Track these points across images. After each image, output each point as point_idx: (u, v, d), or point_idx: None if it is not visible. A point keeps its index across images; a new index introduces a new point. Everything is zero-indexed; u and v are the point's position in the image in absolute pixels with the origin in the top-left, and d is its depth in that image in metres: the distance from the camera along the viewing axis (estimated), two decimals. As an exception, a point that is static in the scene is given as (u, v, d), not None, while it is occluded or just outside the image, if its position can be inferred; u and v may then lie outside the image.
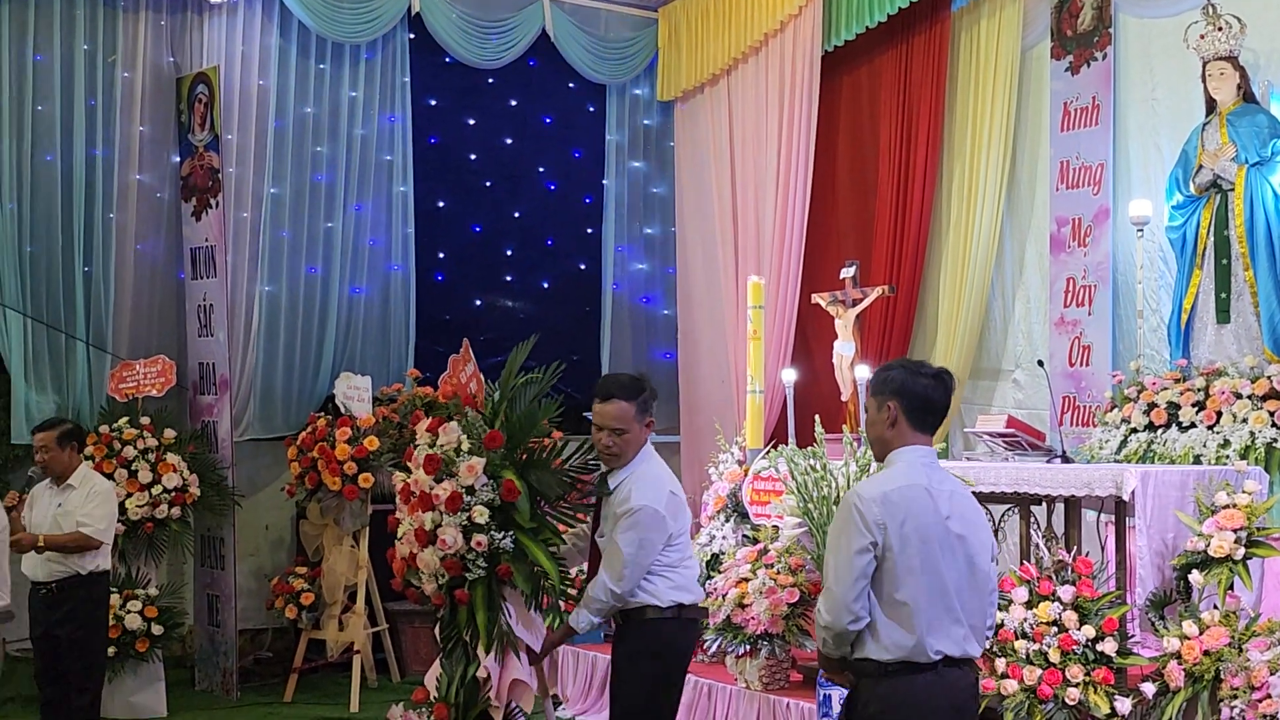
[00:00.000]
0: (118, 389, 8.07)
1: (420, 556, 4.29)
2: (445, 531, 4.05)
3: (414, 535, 4.39)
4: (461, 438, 4.44)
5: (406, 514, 4.43)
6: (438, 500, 4.17)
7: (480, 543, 4.17)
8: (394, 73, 9.42)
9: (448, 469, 4.42)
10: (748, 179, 9.55)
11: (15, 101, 8.02)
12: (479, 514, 4.19)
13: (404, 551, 4.59)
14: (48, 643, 6.19)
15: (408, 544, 4.53)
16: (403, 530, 4.54)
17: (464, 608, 4.42)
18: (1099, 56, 7.77)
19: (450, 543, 4.09)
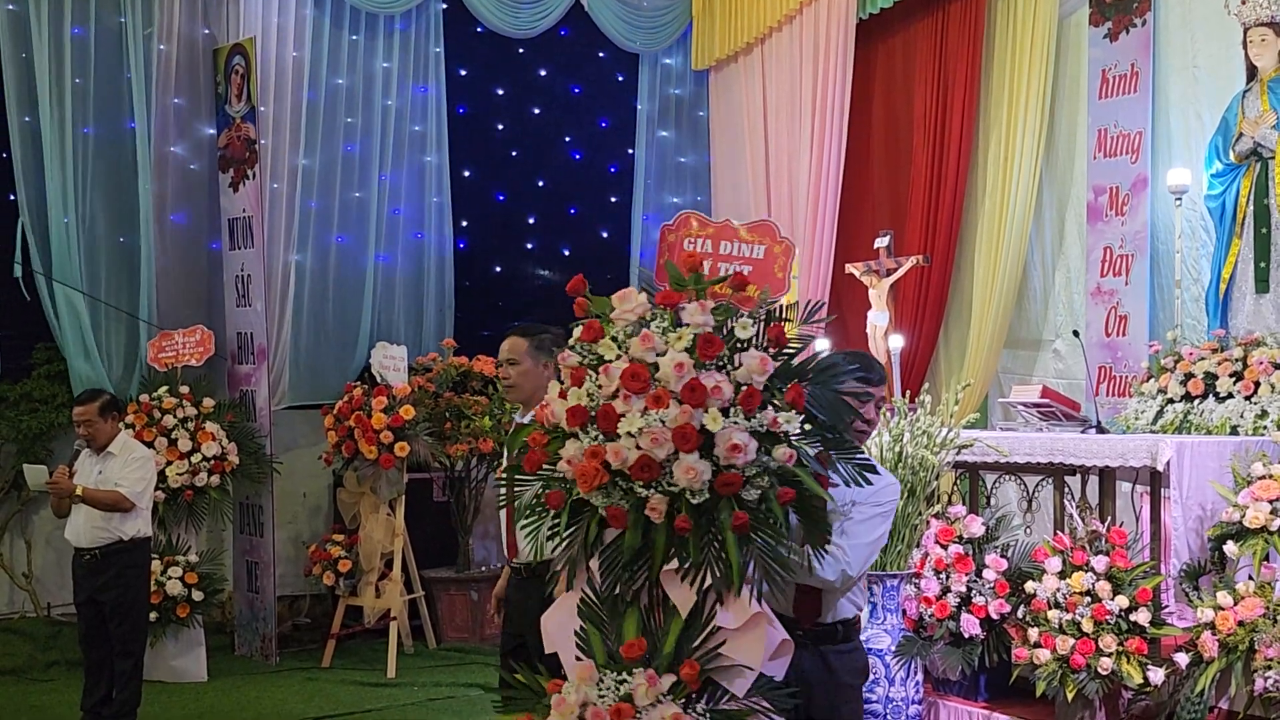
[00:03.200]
0: (157, 358, 8.16)
1: (681, 464, 3.03)
2: (736, 435, 3.01)
3: (670, 435, 3.06)
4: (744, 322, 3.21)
5: (639, 405, 3.10)
6: (717, 395, 3.06)
7: (789, 456, 3.08)
8: (426, 43, 9.45)
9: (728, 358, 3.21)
10: (781, 148, 9.52)
11: (54, 75, 8.08)
12: (786, 419, 3.10)
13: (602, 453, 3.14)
14: (91, 608, 6.29)
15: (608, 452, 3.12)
16: (628, 426, 3.12)
17: (656, 536, 3.16)
18: (1138, 23, 7.68)
19: (745, 449, 3.01)
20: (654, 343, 3.14)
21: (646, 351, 3.13)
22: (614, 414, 3.10)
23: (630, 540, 3.09)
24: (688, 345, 3.13)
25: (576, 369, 3.23)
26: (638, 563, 3.15)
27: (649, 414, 3.06)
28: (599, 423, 3.11)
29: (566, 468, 3.16)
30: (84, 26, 8.23)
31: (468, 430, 8.43)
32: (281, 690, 7.47)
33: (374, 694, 7.40)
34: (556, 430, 3.24)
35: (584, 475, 3.08)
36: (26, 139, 8.06)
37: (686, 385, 3.07)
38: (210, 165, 8.65)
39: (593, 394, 3.17)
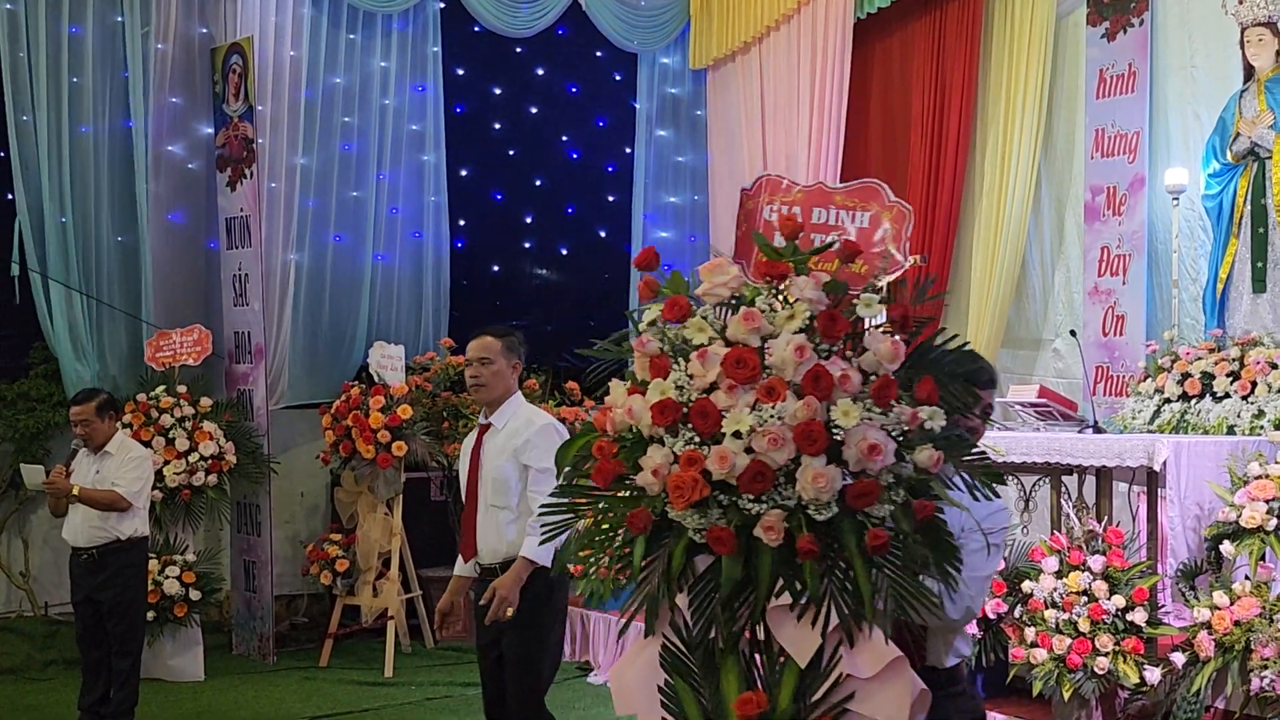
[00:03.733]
0: (154, 358, 8.16)
1: (807, 471, 2.43)
2: (872, 433, 2.45)
3: (792, 435, 2.46)
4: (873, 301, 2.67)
5: (747, 399, 2.50)
6: (846, 385, 2.50)
7: (936, 459, 2.52)
8: (424, 42, 9.46)
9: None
10: (779, 147, 9.52)
11: (51, 73, 8.08)
12: (930, 414, 2.57)
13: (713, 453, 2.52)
14: (89, 607, 6.29)
15: (720, 455, 2.50)
16: (735, 425, 2.51)
17: (759, 564, 2.52)
18: (1135, 23, 7.69)
19: (884, 451, 2.44)
20: (759, 322, 2.58)
21: (750, 333, 2.57)
22: (714, 411, 2.52)
23: (731, 570, 2.49)
24: (803, 325, 2.58)
25: (659, 357, 2.65)
26: (739, 598, 2.54)
27: (761, 409, 2.50)
28: (694, 422, 2.53)
29: (651, 480, 2.56)
30: (81, 25, 8.23)
31: (465, 429, 8.43)
32: (279, 689, 7.47)
33: (371, 693, 7.40)
34: (631, 435, 2.64)
35: (680, 488, 2.49)
36: (24, 138, 8.05)
37: (809, 373, 2.50)
38: (208, 164, 8.65)
39: (683, 387, 2.59)
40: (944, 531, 2.59)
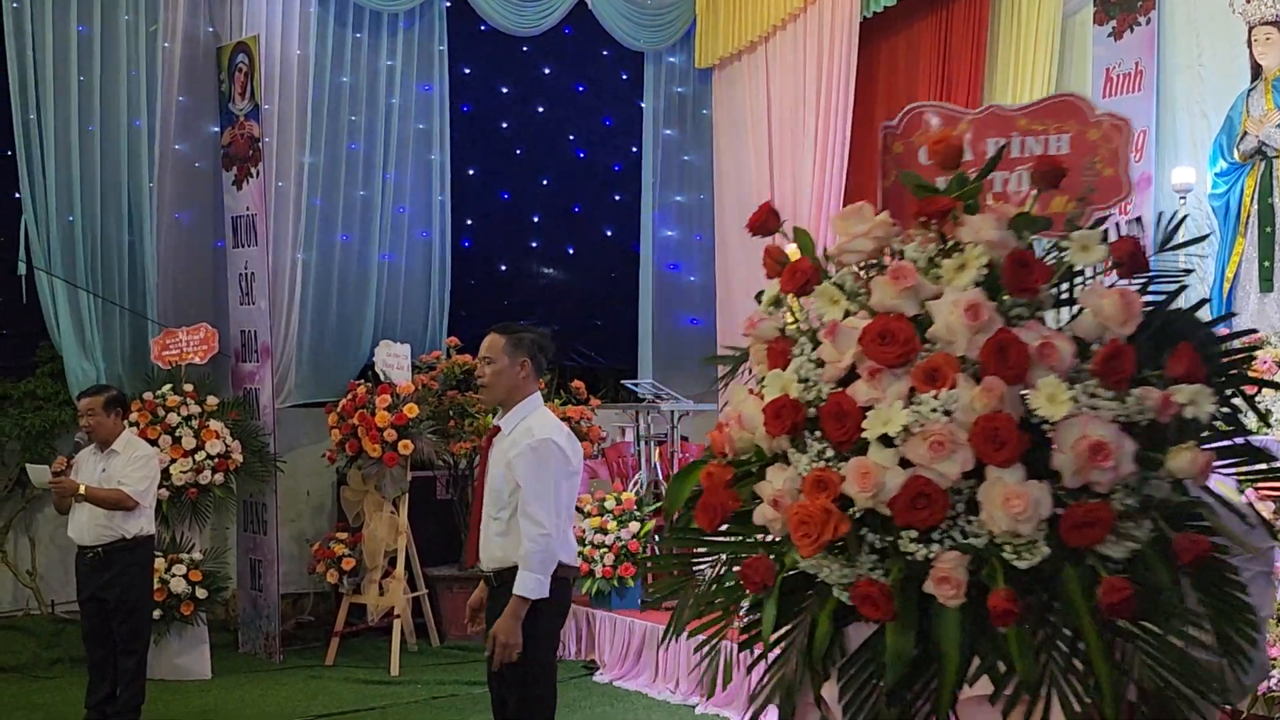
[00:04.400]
0: (161, 356, 8.16)
1: (1002, 488, 1.69)
2: (1097, 426, 1.69)
3: (966, 435, 1.73)
4: None
5: (898, 388, 1.83)
6: (1050, 357, 1.78)
7: (1203, 465, 1.85)
8: (430, 41, 9.47)
9: None
10: (785, 146, 9.51)
11: (58, 72, 8.09)
12: (1193, 397, 1.82)
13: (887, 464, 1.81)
14: (95, 605, 6.29)
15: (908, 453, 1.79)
16: (883, 426, 1.81)
17: (943, 634, 1.76)
18: (1142, 21, 7.68)
19: (1114, 453, 1.67)
20: (914, 280, 1.84)
21: (903, 296, 1.84)
22: (853, 408, 1.79)
23: (898, 645, 1.72)
24: (977, 278, 1.84)
25: (778, 341, 2.01)
26: (914, 686, 1.76)
27: (920, 401, 1.75)
28: (825, 428, 1.81)
29: (771, 515, 1.87)
30: (89, 24, 8.23)
31: (471, 428, 8.44)
32: (285, 688, 7.47)
33: (377, 692, 7.40)
34: (752, 458, 1.98)
35: (805, 524, 1.75)
36: (31, 136, 8.06)
37: (991, 344, 1.73)
38: (215, 163, 8.66)
39: (809, 379, 1.89)
40: (1228, 580, 1.73)
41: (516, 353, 4.38)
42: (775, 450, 1.89)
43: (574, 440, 4.44)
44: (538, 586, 4.17)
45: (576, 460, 4.41)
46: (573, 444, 4.40)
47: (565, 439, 4.36)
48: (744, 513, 1.92)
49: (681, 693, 7.18)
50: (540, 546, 4.18)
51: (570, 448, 4.37)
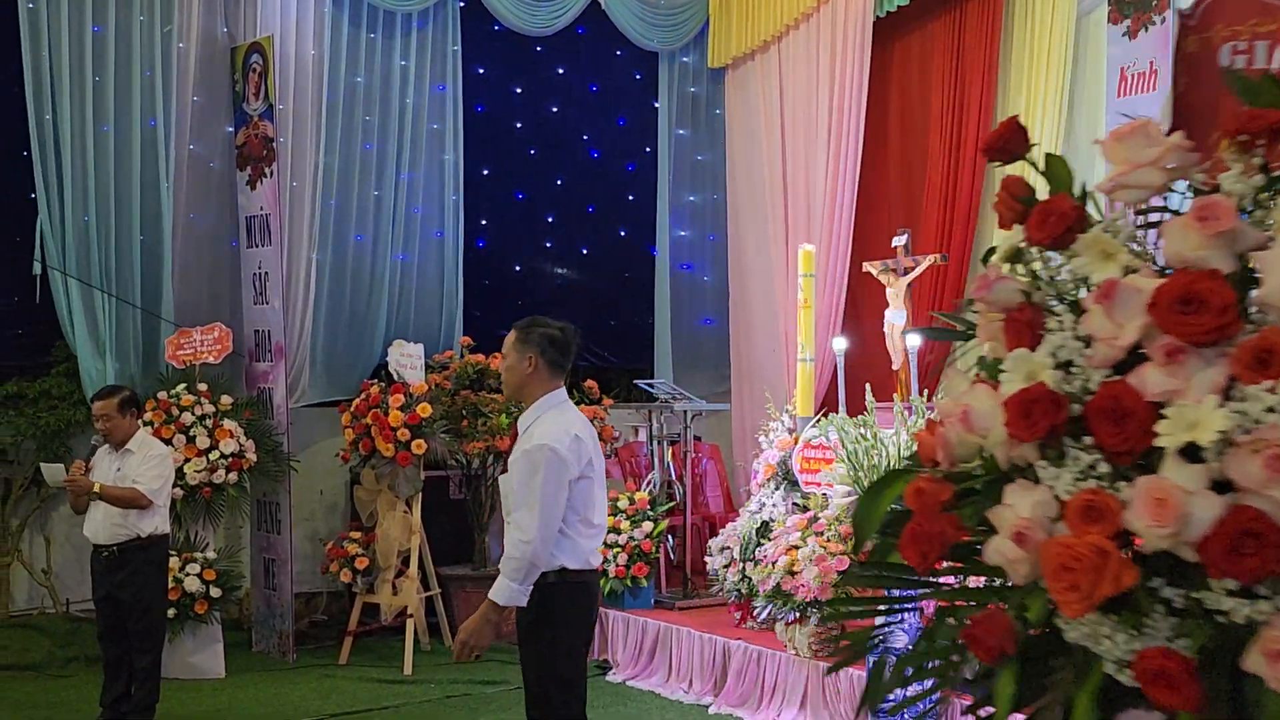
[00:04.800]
0: (175, 355, 8.18)
1: None
2: None
3: None
4: None
5: (1210, 375, 1.27)
6: None
7: None
8: (444, 41, 9.48)
9: None
10: (798, 146, 9.51)
11: (75, 72, 8.12)
12: None
13: None
14: (110, 604, 6.31)
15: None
16: (1190, 431, 1.26)
17: None
18: (1157, 20, 7.64)
19: None
20: (1232, 222, 1.36)
21: (1215, 245, 1.35)
22: (1137, 402, 1.30)
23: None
24: None
25: (1023, 309, 1.47)
26: None
27: (1247, 396, 1.27)
28: (1096, 430, 1.33)
29: (1013, 554, 1.38)
30: (103, 25, 8.26)
31: (484, 428, 8.45)
32: (299, 687, 7.49)
33: (391, 691, 7.42)
34: (978, 470, 1.49)
35: (1070, 571, 1.27)
36: (47, 137, 8.08)
37: None
38: (229, 163, 8.68)
39: (1072, 362, 1.40)
40: None
41: (525, 348, 4.31)
42: (1016, 461, 1.37)
43: (582, 442, 4.25)
44: (510, 594, 4.12)
45: (584, 463, 4.23)
46: (579, 447, 4.23)
47: (569, 444, 4.19)
48: (966, 545, 1.41)
49: (695, 692, 7.18)
50: (519, 554, 4.11)
51: (575, 451, 4.20)
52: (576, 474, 4.21)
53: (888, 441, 5.74)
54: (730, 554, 7.44)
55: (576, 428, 4.28)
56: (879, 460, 5.68)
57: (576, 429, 4.27)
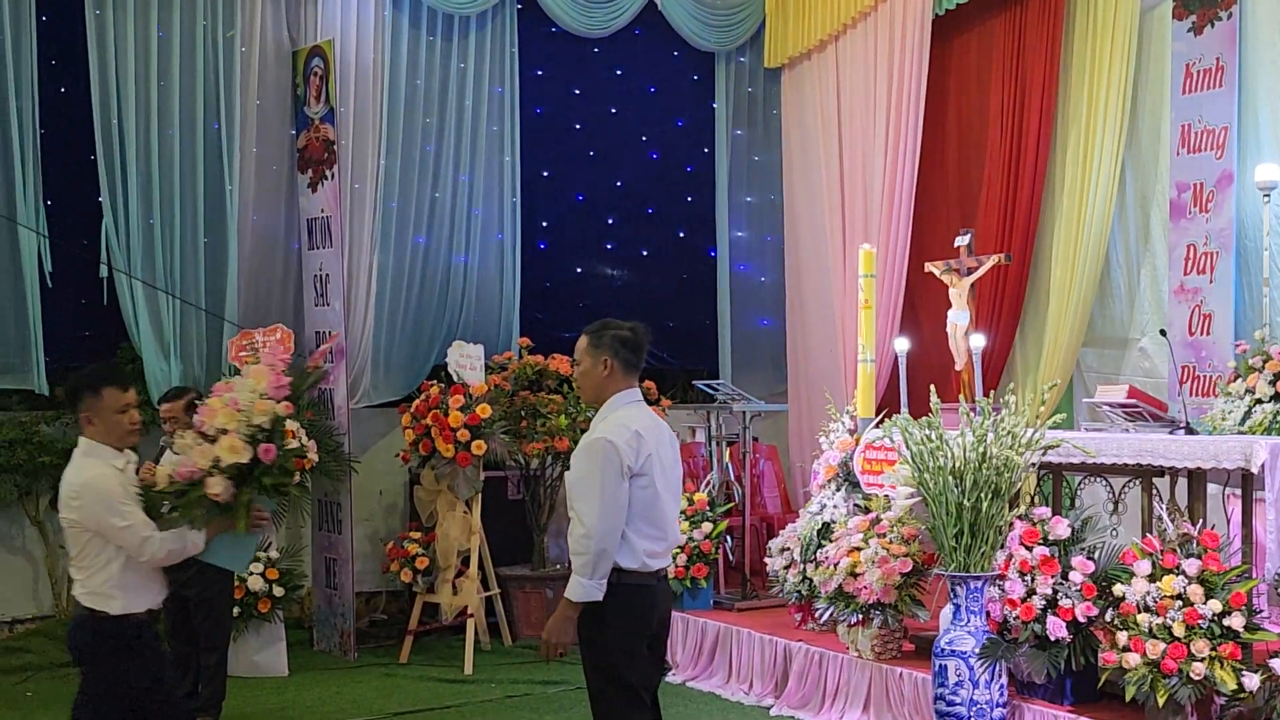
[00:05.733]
0: (238, 357, 8.26)
1: None
2: None
3: None
4: None
5: None
6: None
7: None
8: (502, 43, 9.51)
9: None
10: (855, 146, 9.45)
11: (140, 78, 8.23)
12: None
13: None
14: (176, 603, 6.36)
15: None
16: None
17: None
18: (1223, 16, 7.54)
19: None
20: None
21: None
22: None
23: None
24: None
25: None
26: None
27: None
28: None
29: None
30: (167, 30, 8.36)
31: (543, 429, 8.47)
32: (360, 685, 7.54)
33: (452, 690, 7.45)
34: None
35: None
36: (112, 141, 8.20)
37: None
38: (291, 166, 8.76)
39: None
40: None
41: (598, 352, 4.34)
42: None
43: (642, 439, 4.22)
44: (582, 590, 4.13)
45: (643, 460, 4.21)
46: (638, 443, 4.20)
47: (627, 438, 4.18)
48: None
49: (755, 694, 7.16)
50: (581, 548, 4.13)
51: (633, 447, 4.18)
52: (635, 470, 4.19)
53: (952, 443, 5.69)
54: (790, 555, 7.41)
55: (638, 424, 4.26)
56: (944, 462, 5.63)
57: (638, 426, 4.25)
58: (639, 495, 4.22)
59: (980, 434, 5.62)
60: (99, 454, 4.51)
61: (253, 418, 4.45)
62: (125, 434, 4.58)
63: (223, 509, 4.46)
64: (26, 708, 7.07)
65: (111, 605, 4.43)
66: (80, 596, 4.50)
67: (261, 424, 4.47)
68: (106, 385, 4.54)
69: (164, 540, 4.43)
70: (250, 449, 4.43)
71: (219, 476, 4.38)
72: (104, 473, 4.42)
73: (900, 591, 6.46)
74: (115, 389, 4.55)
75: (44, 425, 8.22)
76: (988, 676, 5.52)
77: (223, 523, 4.53)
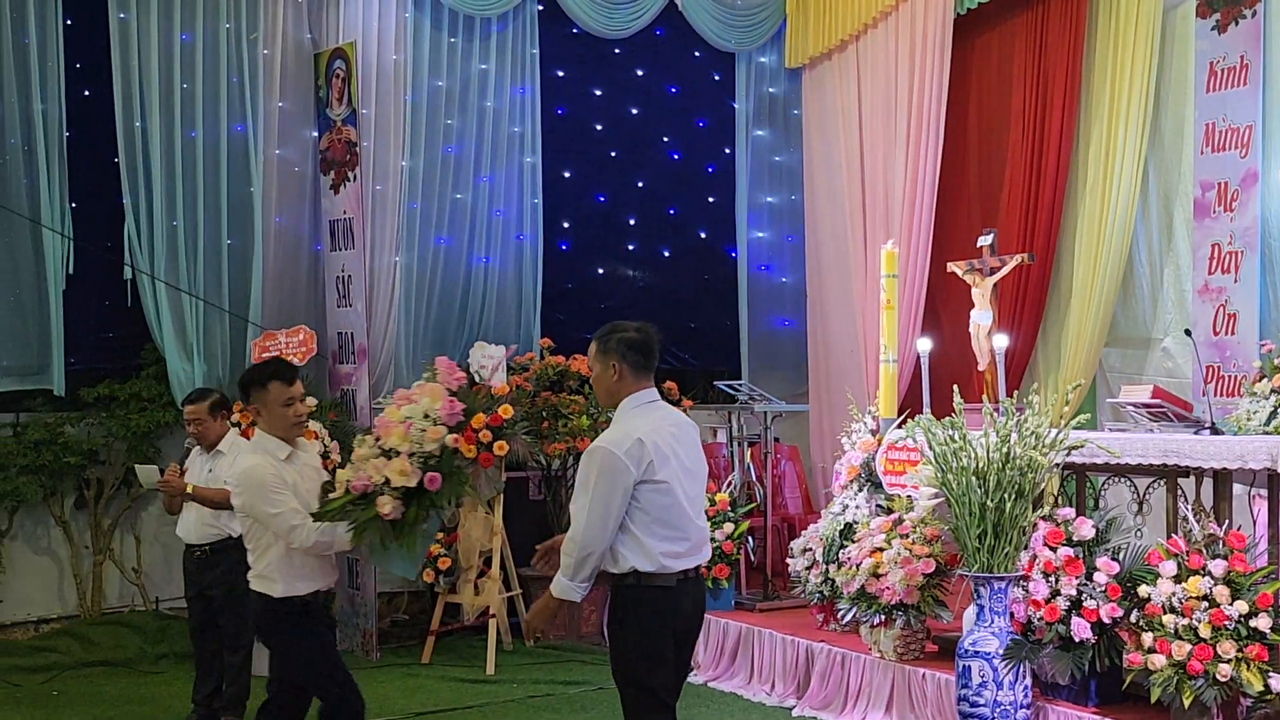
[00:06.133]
0: (260, 358, 8.29)
1: None
2: None
3: None
4: None
5: None
6: None
7: None
8: (523, 45, 9.53)
9: None
10: (876, 146, 9.43)
11: (163, 81, 8.28)
12: None
13: None
14: (201, 602, 6.43)
15: None
16: None
17: None
18: (1248, 14, 7.50)
19: None
20: None
21: None
22: None
23: None
24: None
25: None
26: None
27: None
28: None
29: None
30: (191, 33, 8.41)
31: (565, 429, 8.48)
32: (383, 685, 7.56)
33: (474, 690, 7.47)
34: None
35: None
36: (135, 144, 8.25)
37: None
38: (313, 168, 8.79)
39: None
40: None
41: (606, 356, 4.36)
42: None
43: (644, 446, 4.18)
44: (562, 588, 4.23)
45: (645, 468, 4.17)
46: (640, 451, 4.17)
47: (628, 447, 4.16)
48: None
49: (778, 695, 7.16)
50: (568, 549, 4.22)
51: (634, 456, 4.16)
52: (638, 478, 4.18)
53: (976, 443, 5.67)
54: (812, 556, 7.40)
55: (646, 430, 4.22)
56: (967, 462, 5.61)
57: (644, 431, 4.21)
58: (651, 499, 4.22)
59: (1004, 434, 5.60)
60: (265, 445, 4.81)
61: (424, 444, 4.62)
62: (290, 426, 4.86)
63: (394, 526, 4.61)
64: (53, 706, 7.12)
65: (274, 588, 4.75)
66: (250, 579, 4.85)
67: (432, 451, 4.62)
68: (273, 379, 4.81)
69: (313, 530, 4.64)
70: (418, 474, 4.60)
71: (389, 496, 4.55)
72: (261, 463, 4.69)
73: (923, 592, 6.45)
74: (281, 383, 4.82)
75: (68, 426, 8.28)
76: (1012, 678, 5.50)
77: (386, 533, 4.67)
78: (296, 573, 4.75)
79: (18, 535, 8.28)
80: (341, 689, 4.83)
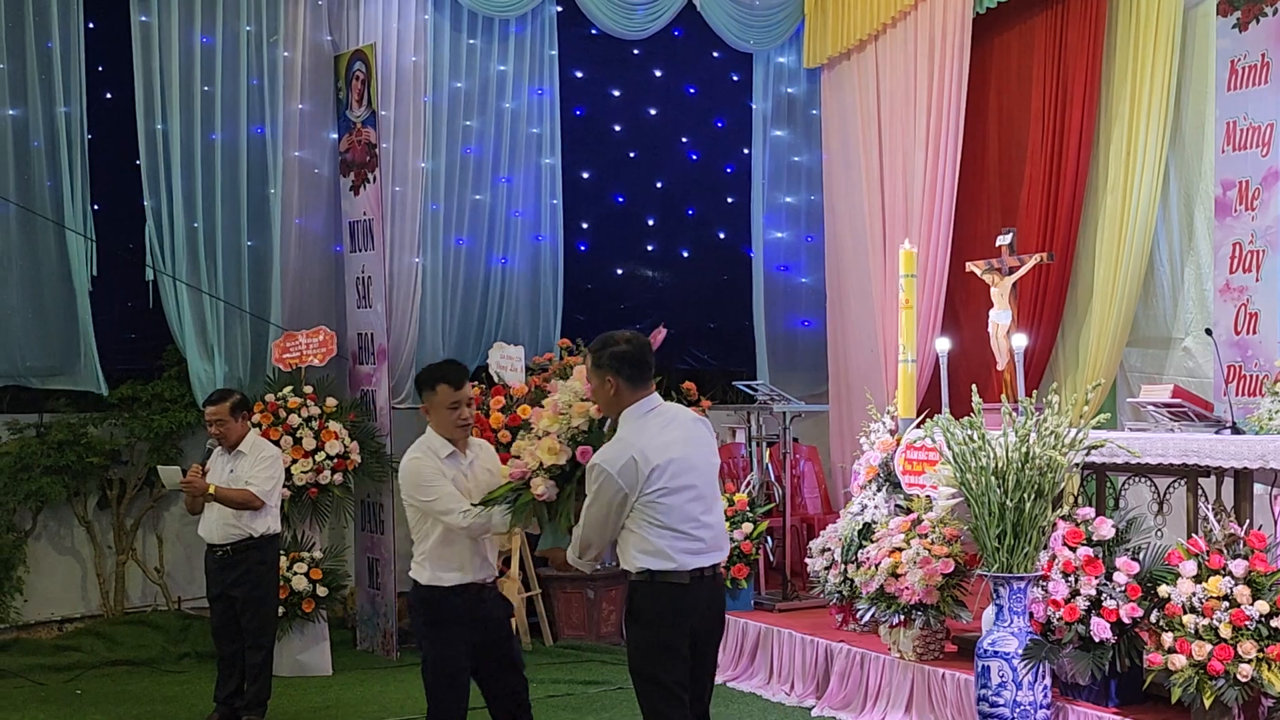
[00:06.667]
0: (282, 359, 8.34)
1: None
2: None
3: None
4: None
5: None
6: None
7: None
8: (542, 46, 9.54)
9: None
10: (895, 146, 9.41)
11: (183, 83, 8.32)
12: None
13: None
14: (223, 602, 6.48)
15: None
16: None
17: None
18: (1269, 12, 7.47)
19: None
20: None
21: None
22: None
23: None
24: None
25: None
26: None
27: None
28: None
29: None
30: (212, 35, 8.45)
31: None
32: (403, 684, 7.58)
33: (494, 690, 7.47)
34: None
35: None
36: (156, 146, 8.30)
37: None
38: (333, 169, 8.83)
39: None
40: None
41: (600, 372, 4.40)
42: None
43: (637, 465, 4.20)
44: (572, 559, 4.46)
45: (641, 483, 4.20)
46: (633, 469, 4.19)
47: (621, 466, 4.19)
48: None
49: (797, 694, 7.16)
50: (572, 542, 4.46)
51: (629, 475, 4.19)
52: (635, 495, 4.22)
53: (995, 443, 5.67)
54: (831, 556, 7.40)
55: (638, 446, 4.24)
56: (986, 462, 5.60)
57: (637, 449, 4.22)
58: (656, 505, 4.25)
59: (1023, 434, 5.59)
60: (429, 443, 4.99)
61: (572, 420, 4.67)
62: (454, 428, 4.99)
63: (550, 507, 4.70)
64: (76, 705, 7.17)
65: (421, 575, 4.96)
66: (411, 566, 5.05)
67: (580, 426, 4.66)
68: (441, 382, 4.96)
69: (467, 514, 4.79)
70: (569, 450, 4.64)
71: (542, 477, 4.65)
72: (421, 457, 4.91)
73: (942, 592, 6.44)
74: (448, 386, 4.95)
75: (92, 427, 8.34)
76: (1031, 678, 5.49)
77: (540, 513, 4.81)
78: (445, 563, 4.89)
79: (42, 535, 8.34)
80: (448, 710, 4.98)
